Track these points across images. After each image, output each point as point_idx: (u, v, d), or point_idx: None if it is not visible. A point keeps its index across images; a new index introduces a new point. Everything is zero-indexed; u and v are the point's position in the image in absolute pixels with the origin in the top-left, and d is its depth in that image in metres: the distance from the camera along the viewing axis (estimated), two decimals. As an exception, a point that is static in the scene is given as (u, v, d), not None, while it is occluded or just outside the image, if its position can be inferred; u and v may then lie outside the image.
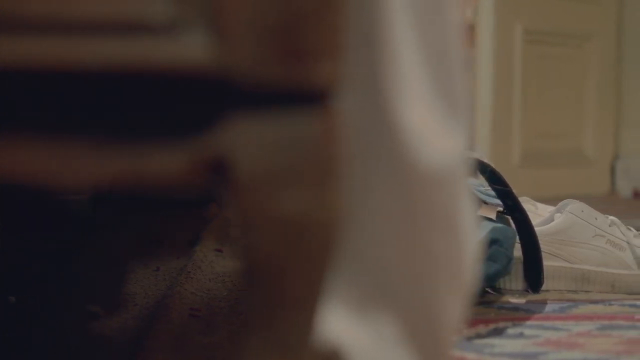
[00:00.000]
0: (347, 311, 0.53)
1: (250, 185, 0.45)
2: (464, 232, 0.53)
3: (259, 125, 0.45)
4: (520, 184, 2.84)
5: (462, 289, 0.54)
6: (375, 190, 0.51)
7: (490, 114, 2.77)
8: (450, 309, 0.54)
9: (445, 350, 0.55)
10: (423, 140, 0.50)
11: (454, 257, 0.52)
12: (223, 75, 0.45)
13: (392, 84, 0.50)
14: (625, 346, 0.96)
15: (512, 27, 2.78)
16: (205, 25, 0.44)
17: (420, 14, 0.51)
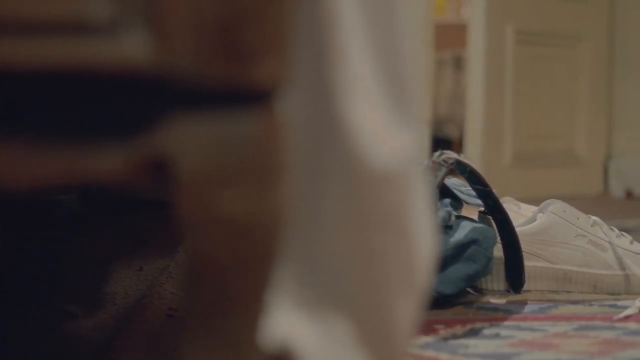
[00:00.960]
0: (299, 312, 0.53)
1: (191, 185, 0.45)
2: (417, 233, 0.52)
3: (200, 125, 0.45)
4: (512, 184, 2.83)
5: (415, 291, 0.53)
6: (324, 190, 0.51)
7: (482, 115, 2.77)
8: (403, 311, 0.53)
9: (399, 351, 0.54)
10: (372, 139, 0.49)
11: (405, 259, 0.52)
12: (163, 75, 0.44)
13: (340, 83, 0.49)
14: (599, 347, 0.96)
15: (503, 28, 2.78)
16: (145, 24, 0.44)
17: (370, 14, 0.51)
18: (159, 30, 0.44)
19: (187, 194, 0.45)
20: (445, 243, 1.14)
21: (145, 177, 0.45)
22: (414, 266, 0.53)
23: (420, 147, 0.53)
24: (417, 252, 0.52)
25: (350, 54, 0.50)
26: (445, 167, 1.17)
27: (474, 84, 2.79)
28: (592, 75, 3.01)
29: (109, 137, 0.45)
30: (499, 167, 2.82)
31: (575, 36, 2.98)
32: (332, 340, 0.53)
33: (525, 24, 2.84)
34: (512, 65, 2.80)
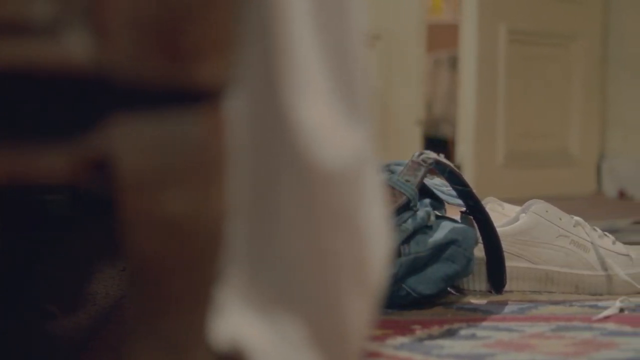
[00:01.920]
0: (251, 311, 0.53)
1: (132, 184, 0.45)
2: (369, 233, 0.52)
3: (141, 125, 0.45)
4: (504, 184, 2.83)
5: (368, 292, 0.53)
6: (275, 189, 0.51)
7: (474, 114, 2.77)
8: (355, 311, 0.53)
9: (351, 351, 0.54)
10: (321, 138, 0.49)
11: (357, 259, 0.52)
12: (105, 75, 0.44)
13: (289, 83, 0.49)
14: (576, 347, 0.95)
15: (495, 27, 2.78)
16: (85, 25, 0.44)
17: (320, 13, 0.50)
18: (100, 31, 0.44)
19: (128, 193, 0.45)
20: (425, 243, 1.13)
21: (87, 177, 0.45)
22: (367, 266, 0.52)
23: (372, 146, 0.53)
24: (369, 252, 0.52)
25: (300, 53, 0.50)
26: (425, 167, 1.17)
27: (466, 84, 2.78)
28: (586, 75, 3.01)
29: (51, 137, 0.44)
30: (492, 167, 2.82)
31: (569, 36, 2.98)
32: (283, 339, 0.53)
33: (518, 23, 2.83)
34: (504, 65, 2.80)
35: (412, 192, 1.15)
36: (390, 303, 1.14)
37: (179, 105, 0.45)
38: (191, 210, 0.45)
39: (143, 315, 0.47)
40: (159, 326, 0.48)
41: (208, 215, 0.46)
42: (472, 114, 2.77)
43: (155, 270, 0.45)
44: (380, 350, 0.94)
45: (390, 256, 0.55)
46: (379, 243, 0.53)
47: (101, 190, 0.51)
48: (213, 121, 0.46)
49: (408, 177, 1.17)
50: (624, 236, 1.93)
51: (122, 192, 0.45)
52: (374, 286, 0.53)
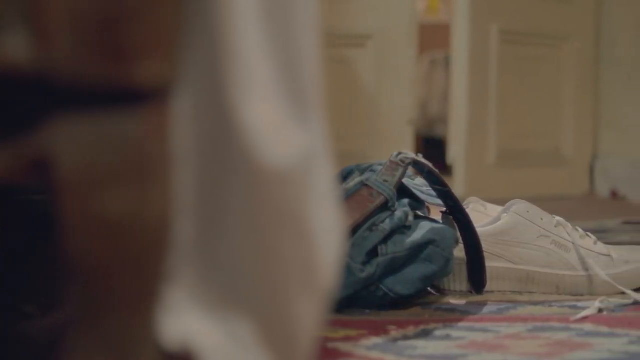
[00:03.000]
0: (201, 311, 0.53)
1: (71, 184, 0.44)
2: (317, 234, 0.52)
3: (81, 125, 0.44)
4: (496, 184, 2.83)
5: (318, 293, 0.53)
6: (222, 189, 0.50)
7: (466, 114, 2.76)
8: (305, 312, 0.53)
9: (301, 352, 0.54)
10: (268, 138, 0.49)
11: (306, 260, 0.52)
12: (44, 75, 0.44)
13: (235, 82, 0.49)
14: (549, 348, 0.95)
15: (487, 28, 2.78)
16: (24, 25, 0.44)
17: (268, 12, 0.50)
18: (39, 30, 0.44)
19: (67, 193, 0.45)
20: (402, 243, 1.13)
21: (27, 177, 0.45)
22: (316, 267, 0.52)
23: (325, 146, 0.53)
24: (318, 253, 0.52)
25: (246, 52, 0.49)
26: (403, 167, 1.17)
27: (458, 84, 2.78)
28: (578, 75, 3.00)
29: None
30: (483, 166, 2.82)
31: (561, 36, 2.97)
32: (233, 339, 0.52)
33: (510, 23, 2.83)
34: (496, 65, 2.80)
35: (390, 192, 1.15)
36: (367, 303, 1.14)
37: (120, 105, 0.45)
38: (131, 209, 0.45)
39: (85, 315, 0.47)
40: (102, 326, 0.47)
41: (149, 215, 0.46)
42: (464, 114, 2.77)
43: (96, 270, 0.45)
44: (353, 350, 0.93)
45: (342, 257, 0.54)
46: (330, 244, 0.53)
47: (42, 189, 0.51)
48: (155, 121, 0.46)
49: (386, 177, 1.16)
50: (613, 236, 1.93)
51: (62, 192, 0.44)
52: (324, 288, 0.53)
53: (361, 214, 1.13)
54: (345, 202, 1.15)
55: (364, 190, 1.16)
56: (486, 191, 2.74)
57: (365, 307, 1.14)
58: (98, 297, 0.46)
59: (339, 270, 0.54)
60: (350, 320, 1.08)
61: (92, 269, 0.45)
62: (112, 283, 0.46)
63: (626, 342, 0.98)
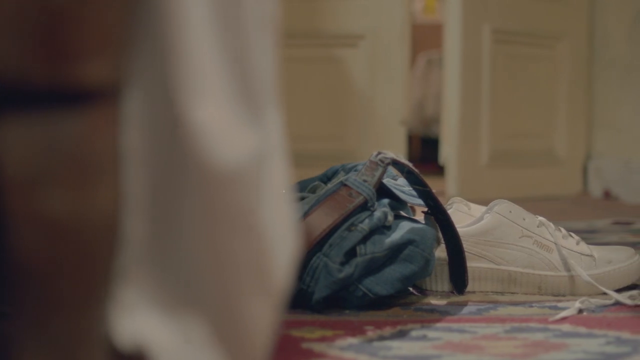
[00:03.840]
0: (155, 311, 0.52)
1: (14, 184, 0.44)
2: (269, 234, 0.51)
3: (23, 125, 0.44)
4: (489, 184, 2.82)
5: (270, 293, 0.52)
6: (174, 190, 0.50)
7: (458, 114, 2.76)
8: (257, 312, 0.52)
9: (254, 352, 0.53)
10: (217, 139, 0.49)
11: (257, 260, 0.51)
12: (-16, 73, 0.44)
13: (185, 83, 0.49)
14: (525, 349, 0.95)
15: (480, 27, 2.77)
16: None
17: (217, 14, 0.50)
18: (-23, 28, 0.43)
19: (11, 192, 0.44)
20: (381, 244, 1.13)
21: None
22: (268, 268, 0.52)
23: (276, 146, 0.52)
24: (270, 254, 0.52)
25: (197, 54, 0.49)
26: (382, 167, 1.16)
27: (450, 84, 2.78)
28: (572, 75, 3.00)
29: None
30: (476, 167, 2.81)
31: (554, 36, 2.97)
32: (186, 339, 0.52)
33: (502, 23, 2.83)
34: (489, 65, 2.79)
35: (370, 192, 1.15)
36: (346, 303, 1.13)
37: (64, 105, 0.45)
38: (73, 208, 0.45)
39: (32, 315, 0.46)
40: (48, 326, 0.47)
41: (93, 214, 0.45)
42: (456, 114, 2.76)
43: (41, 270, 0.45)
44: (326, 351, 0.93)
45: (296, 258, 0.54)
46: (282, 245, 0.52)
47: None
48: (99, 121, 0.45)
49: (366, 177, 1.16)
50: (602, 237, 1.93)
51: (6, 191, 0.44)
52: (277, 288, 0.53)
53: (340, 214, 1.12)
54: (324, 202, 1.14)
55: (343, 190, 1.15)
56: (479, 191, 2.74)
57: (344, 308, 1.13)
58: (44, 297, 0.45)
59: (294, 271, 0.54)
60: (327, 321, 1.07)
61: (36, 268, 0.45)
62: (57, 283, 0.45)
63: (603, 343, 0.97)
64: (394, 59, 2.86)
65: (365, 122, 2.89)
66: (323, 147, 2.87)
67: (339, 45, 2.90)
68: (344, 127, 2.91)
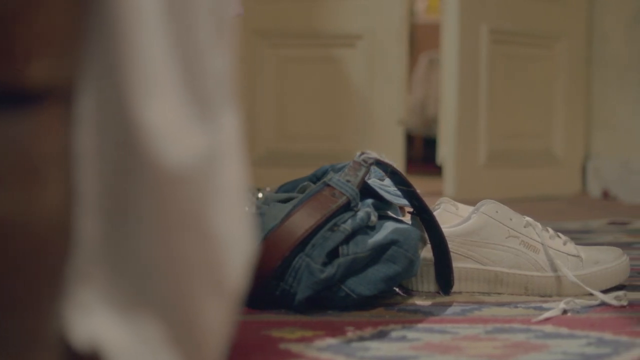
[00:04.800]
0: (110, 311, 0.52)
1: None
2: (222, 235, 0.51)
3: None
4: (487, 184, 2.82)
5: (224, 294, 0.52)
6: (124, 190, 0.50)
7: (456, 114, 2.75)
8: (211, 313, 0.52)
9: (208, 352, 0.53)
10: (168, 139, 0.48)
11: (210, 260, 0.51)
12: None
13: (136, 83, 0.48)
14: (504, 350, 0.94)
15: (477, 27, 2.76)
16: None
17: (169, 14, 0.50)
18: None
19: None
20: (364, 244, 1.12)
21: None
22: (221, 269, 0.52)
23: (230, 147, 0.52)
24: (223, 254, 0.51)
25: (148, 53, 0.49)
26: (365, 167, 1.16)
27: (448, 84, 2.77)
28: (570, 75, 2.99)
29: None
30: (474, 167, 2.81)
31: (552, 36, 2.96)
32: (141, 339, 0.52)
33: (500, 23, 2.82)
34: (486, 65, 2.78)
35: (353, 192, 1.14)
36: (329, 304, 1.13)
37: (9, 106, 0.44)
38: (20, 209, 0.44)
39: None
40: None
41: (39, 215, 0.45)
42: (454, 114, 2.76)
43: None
44: (304, 351, 0.93)
45: (251, 258, 0.54)
46: (237, 245, 0.52)
47: None
48: (46, 122, 0.45)
49: (349, 177, 1.16)
50: (596, 237, 1.92)
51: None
52: (231, 288, 0.53)
53: (322, 214, 1.12)
54: (307, 202, 1.14)
55: (327, 190, 1.15)
56: (477, 192, 2.73)
57: (327, 308, 1.13)
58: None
59: (249, 271, 0.54)
60: (309, 321, 1.07)
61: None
62: (6, 283, 0.45)
63: (584, 344, 0.97)
64: (391, 59, 2.86)
65: (363, 122, 2.89)
66: (321, 147, 2.86)
67: (337, 45, 2.90)
68: (342, 127, 2.90)
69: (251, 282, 1.14)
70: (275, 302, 1.13)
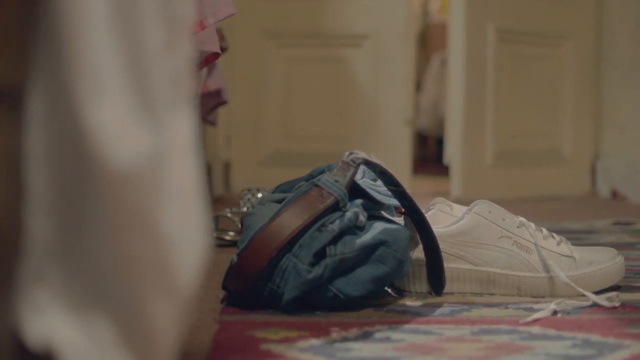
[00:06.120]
0: (64, 311, 0.52)
1: None
2: (172, 235, 0.51)
3: None
4: (494, 184, 2.81)
5: (175, 294, 0.52)
6: (75, 190, 0.50)
7: (462, 114, 2.74)
8: (163, 313, 0.52)
9: (161, 352, 0.53)
10: (115, 139, 0.48)
11: (159, 261, 0.51)
12: None
13: (83, 84, 0.48)
14: (487, 351, 0.94)
15: (484, 27, 2.75)
16: None
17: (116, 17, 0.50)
18: None
19: None
20: (352, 244, 1.12)
21: None
22: (171, 269, 0.51)
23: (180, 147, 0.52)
24: (173, 254, 0.51)
25: (95, 55, 0.49)
26: (353, 167, 1.16)
27: (455, 84, 2.76)
28: (578, 74, 2.97)
29: None
30: (481, 167, 2.79)
31: (560, 35, 2.94)
32: (93, 340, 0.52)
33: (506, 22, 2.81)
34: (493, 64, 2.77)
35: (341, 193, 1.14)
36: (318, 304, 1.13)
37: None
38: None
39: None
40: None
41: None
42: (460, 114, 2.75)
43: None
44: (285, 352, 0.92)
45: (205, 259, 0.54)
46: (188, 245, 0.52)
47: None
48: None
49: (337, 178, 1.15)
50: (599, 237, 1.91)
51: None
52: (182, 289, 0.52)
53: (310, 215, 1.12)
54: (295, 202, 1.14)
55: (315, 190, 1.15)
56: (484, 192, 2.72)
57: (315, 309, 1.13)
58: None
59: (202, 271, 0.54)
60: (295, 321, 1.07)
61: None
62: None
63: (569, 346, 0.96)
64: (397, 59, 2.85)
65: (369, 122, 2.88)
66: (327, 147, 2.86)
67: (343, 46, 2.90)
68: (348, 127, 2.90)
69: (239, 282, 1.14)
70: (264, 303, 1.13)
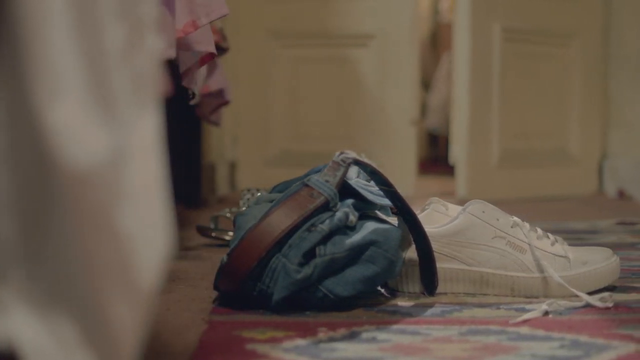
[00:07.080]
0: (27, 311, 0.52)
1: None
2: (131, 234, 0.51)
3: None
4: (499, 184, 2.79)
5: (136, 295, 0.52)
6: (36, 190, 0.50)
7: (468, 114, 2.73)
8: (124, 314, 0.52)
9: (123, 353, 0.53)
10: (72, 139, 0.49)
11: (120, 261, 0.51)
12: None
13: (41, 84, 0.48)
14: (472, 352, 0.93)
15: (489, 26, 2.74)
16: None
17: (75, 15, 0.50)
18: None
19: None
20: (342, 244, 1.12)
21: None
22: (131, 269, 0.52)
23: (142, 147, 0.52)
24: (135, 255, 0.51)
25: (54, 55, 0.49)
26: (344, 167, 1.16)
27: (460, 83, 2.75)
28: (585, 74, 2.96)
29: None
30: (486, 167, 2.78)
31: (567, 34, 2.93)
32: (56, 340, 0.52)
33: (513, 21, 2.80)
34: (499, 64, 2.76)
35: (331, 192, 1.14)
36: (308, 305, 1.13)
37: None
38: None
39: None
40: None
41: None
42: (465, 113, 2.74)
43: None
44: (269, 352, 0.92)
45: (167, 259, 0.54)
46: (150, 246, 0.52)
47: None
48: None
49: (328, 178, 1.15)
50: (601, 237, 1.90)
51: None
52: (144, 289, 0.52)
53: (299, 215, 1.12)
54: (284, 202, 1.14)
55: (305, 190, 1.15)
56: (489, 192, 2.71)
57: (306, 309, 1.13)
58: None
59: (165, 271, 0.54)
60: (284, 321, 1.07)
61: None
62: None
63: (556, 347, 0.96)
64: (403, 59, 2.85)
65: (375, 122, 2.88)
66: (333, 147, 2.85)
67: (350, 46, 2.90)
68: (354, 127, 2.90)
69: (229, 282, 1.14)
70: (254, 303, 1.13)
